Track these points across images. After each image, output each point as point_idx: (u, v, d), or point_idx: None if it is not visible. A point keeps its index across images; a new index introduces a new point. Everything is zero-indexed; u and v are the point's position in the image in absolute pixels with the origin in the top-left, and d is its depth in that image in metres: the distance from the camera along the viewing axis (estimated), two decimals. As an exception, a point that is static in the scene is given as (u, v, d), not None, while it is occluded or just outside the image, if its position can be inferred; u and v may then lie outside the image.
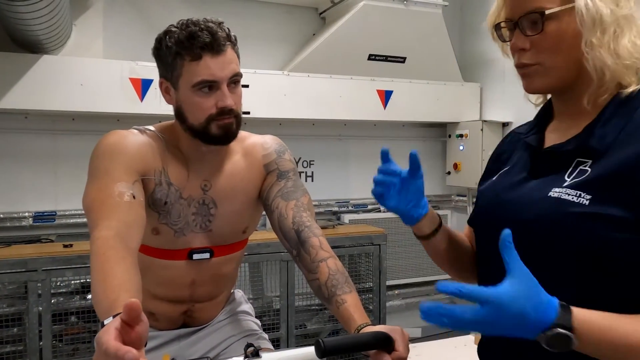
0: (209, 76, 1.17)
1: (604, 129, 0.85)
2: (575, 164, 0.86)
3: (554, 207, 0.84)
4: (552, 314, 0.71)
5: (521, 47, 0.89)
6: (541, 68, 0.89)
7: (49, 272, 2.59)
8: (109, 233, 1.01)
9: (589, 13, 0.82)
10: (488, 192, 1.02)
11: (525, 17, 0.87)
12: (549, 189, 0.86)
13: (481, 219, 1.03)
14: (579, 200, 0.81)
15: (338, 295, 1.13)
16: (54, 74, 2.81)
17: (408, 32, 3.47)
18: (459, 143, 3.81)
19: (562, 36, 0.85)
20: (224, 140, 1.25)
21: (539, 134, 0.97)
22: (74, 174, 3.08)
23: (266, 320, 3.05)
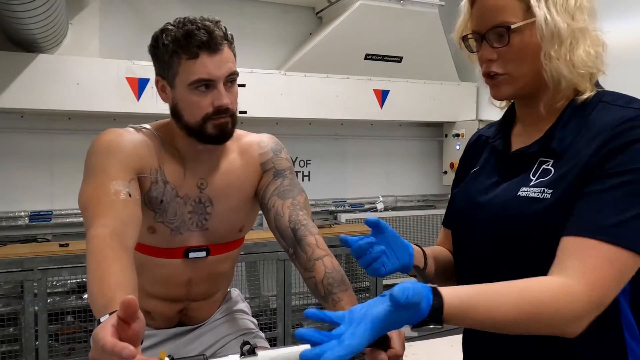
0: (205, 75, 1.17)
1: (562, 131, 0.92)
2: (539, 163, 0.94)
3: (524, 205, 0.91)
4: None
5: (489, 58, 0.95)
6: (509, 77, 0.95)
7: (45, 272, 2.58)
8: (105, 231, 1.01)
9: (547, 27, 0.89)
10: (462, 196, 1.08)
11: (492, 30, 0.93)
12: (518, 190, 0.93)
13: (458, 221, 1.09)
14: (543, 195, 0.89)
15: (334, 293, 1.13)
16: (50, 73, 2.81)
17: (404, 31, 3.48)
18: (455, 142, 3.82)
19: (525, 48, 0.92)
20: (220, 140, 1.25)
21: (504, 138, 1.04)
22: (70, 174, 3.07)
23: (263, 320, 3.05)
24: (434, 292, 0.77)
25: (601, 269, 0.80)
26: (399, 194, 4.01)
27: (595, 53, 0.92)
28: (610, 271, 0.80)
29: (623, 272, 0.82)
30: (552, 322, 0.80)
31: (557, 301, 0.79)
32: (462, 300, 0.78)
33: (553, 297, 0.79)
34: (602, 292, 0.80)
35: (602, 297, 0.80)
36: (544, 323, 0.80)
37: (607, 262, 0.80)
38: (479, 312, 0.78)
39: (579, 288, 0.79)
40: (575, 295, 0.79)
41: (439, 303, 0.76)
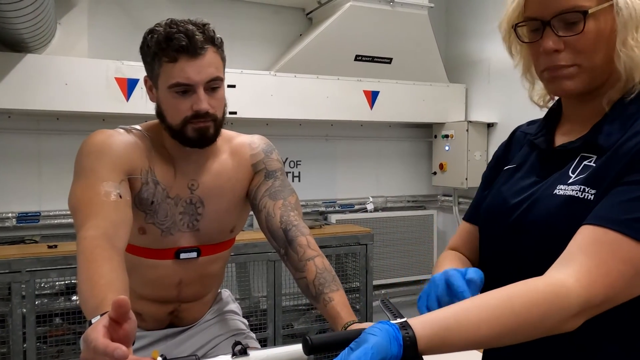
0: (183, 79, 1.17)
1: (611, 126, 0.83)
2: (579, 159, 0.85)
3: (560, 205, 0.82)
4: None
5: (555, 49, 0.84)
6: (578, 70, 0.84)
7: (33, 273, 2.56)
8: (96, 233, 1.01)
9: (627, 11, 0.80)
10: (496, 196, 0.99)
11: (560, 16, 0.82)
12: (555, 187, 0.85)
13: (489, 223, 1.00)
14: (584, 195, 0.80)
15: (325, 293, 1.14)
16: (38, 73, 2.78)
17: (394, 33, 3.50)
18: (444, 143, 3.84)
19: (600, 35, 0.82)
20: (200, 144, 1.24)
21: (547, 136, 0.95)
22: (59, 175, 3.05)
23: (253, 321, 3.05)
24: (404, 328, 0.70)
25: (610, 264, 0.73)
26: (388, 195, 4.03)
27: None
28: (621, 267, 0.73)
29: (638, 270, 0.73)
30: (541, 328, 0.74)
31: (544, 306, 0.72)
32: (434, 330, 0.71)
33: (539, 302, 0.72)
34: (605, 289, 0.73)
35: (605, 294, 0.73)
36: (533, 330, 0.74)
37: (620, 257, 0.73)
38: (460, 335, 0.71)
39: (575, 288, 0.73)
40: (566, 296, 0.72)
41: (411, 340, 0.69)
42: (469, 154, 3.63)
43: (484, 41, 3.71)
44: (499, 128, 3.62)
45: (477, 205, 1.08)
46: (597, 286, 0.73)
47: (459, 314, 0.73)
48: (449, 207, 4.03)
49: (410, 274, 3.94)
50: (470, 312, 0.73)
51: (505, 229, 0.92)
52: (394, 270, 3.89)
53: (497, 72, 3.61)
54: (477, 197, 1.10)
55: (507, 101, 3.51)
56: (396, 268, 3.89)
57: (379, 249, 3.69)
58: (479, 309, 0.73)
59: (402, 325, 0.71)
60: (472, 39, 3.84)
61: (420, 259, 3.96)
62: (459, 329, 0.71)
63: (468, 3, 3.89)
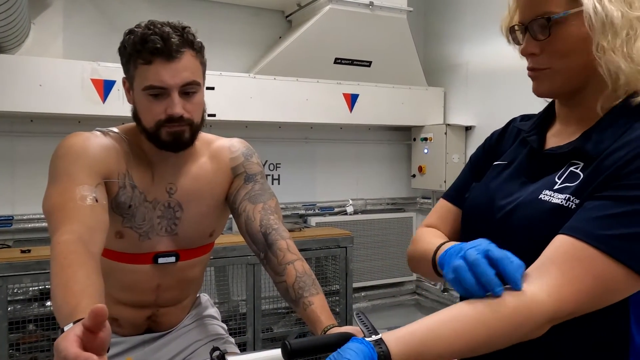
0: (157, 82, 1.15)
1: (601, 134, 0.83)
2: (567, 165, 0.85)
3: (544, 212, 0.82)
4: None
5: (531, 52, 0.88)
6: (550, 72, 0.87)
7: (5, 279, 2.49)
8: (71, 237, 0.99)
9: (597, 17, 0.80)
10: (482, 190, 0.99)
11: (534, 21, 0.86)
12: (540, 192, 0.85)
13: (472, 218, 1.00)
14: (568, 204, 0.80)
15: (305, 297, 1.13)
16: (11, 73, 2.72)
17: (373, 36, 3.51)
18: (423, 146, 3.87)
19: (570, 40, 0.83)
20: (174, 147, 1.23)
21: (539, 135, 0.95)
22: (32, 178, 2.99)
23: (232, 325, 3.02)
24: (379, 345, 0.70)
25: (583, 280, 0.74)
26: (368, 197, 4.04)
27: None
28: (592, 283, 0.74)
29: (610, 288, 0.75)
30: (512, 339, 0.75)
31: (516, 319, 0.73)
32: (409, 345, 0.71)
33: (511, 316, 0.73)
34: (574, 305, 0.74)
35: (573, 308, 0.75)
36: (504, 341, 0.75)
37: (593, 274, 0.73)
38: (436, 350, 0.72)
39: (545, 302, 0.74)
40: (537, 310, 0.73)
41: (385, 357, 0.70)
42: (448, 157, 3.67)
43: (462, 45, 3.75)
44: (477, 131, 3.67)
45: (461, 189, 1.07)
46: (567, 301, 0.74)
47: (434, 329, 0.74)
48: (428, 210, 4.06)
49: (390, 276, 3.96)
50: (445, 325, 0.74)
51: (489, 228, 0.92)
52: (374, 273, 3.90)
53: (475, 75, 3.66)
54: (461, 179, 1.09)
55: (484, 104, 3.56)
56: (376, 270, 3.91)
57: (358, 252, 3.70)
58: (453, 322, 0.74)
59: (376, 342, 0.71)
60: (451, 43, 3.88)
61: (400, 261, 3.98)
62: (434, 344, 0.72)
63: (446, 7, 3.94)
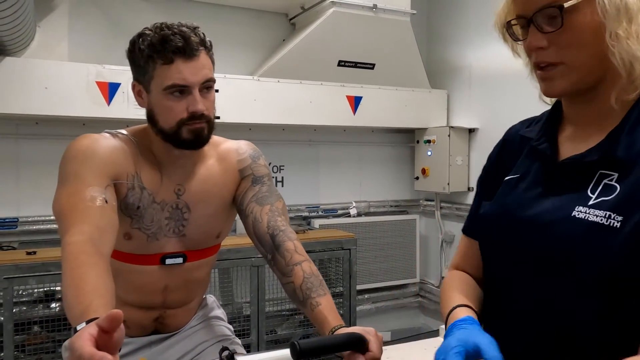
0: (180, 80, 1.17)
1: (630, 135, 0.76)
2: (599, 176, 0.77)
3: (580, 229, 0.75)
4: None
5: (538, 46, 0.80)
6: (565, 68, 0.79)
7: (11, 281, 2.51)
8: (81, 238, 1.00)
9: (612, 2, 0.74)
10: (498, 207, 0.91)
11: (541, 12, 0.78)
12: (572, 208, 0.77)
13: (494, 239, 0.92)
14: (609, 222, 0.73)
15: (313, 298, 1.14)
16: (16, 76, 2.73)
17: (377, 39, 3.52)
18: (426, 149, 3.88)
19: (583, 30, 0.76)
20: (195, 145, 1.25)
21: (551, 142, 0.87)
22: (38, 180, 3.00)
23: (236, 327, 3.02)
24: None
25: None
26: (371, 200, 4.05)
27: None
28: None
29: None
30: None
31: None
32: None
33: None
34: None
35: None
36: None
37: None
38: None
39: None
40: None
41: None
42: (451, 159, 3.67)
43: (465, 47, 3.76)
44: (480, 133, 3.67)
45: (474, 218, 1.01)
46: None
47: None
48: (431, 212, 4.06)
49: (393, 279, 3.96)
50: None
51: (514, 246, 0.85)
52: (377, 275, 3.91)
53: (479, 78, 3.67)
54: (474, 208, 1.03)
55: (488, 107, 3.57)
56: (379, 273, 3.91)
57: (362, 254, 3.71)
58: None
59: None
60: (454, 46, 3.89)
61: (403, 264, 3.99)
62: None
63: (450, 10, 3.95)
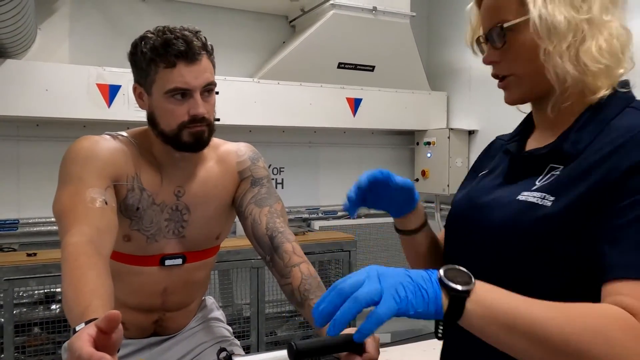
0: (182, 84, 1.18)
1: (578, 134, 0.84)
2: (549, 169, 0.86)
3: (519, 210, 0.83)
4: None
5: (491, 60, 0.91)
6: (515, 79, 0.90)
7: (11, 282, 2.51)
8: (81, 239, 1.00)
9: (543, 23, 0.82)
10: (463, 196, 1.02)
11: (492, 30, 0.88)
12: (519, 193, 0.86)
13: (453, 221, 1.02)
14: (542, 202, 0.81)
15: (311, 299, 1.14)
16: (17, 78, 2.74)
17: (377, 41, 3.53)
18: (426, 150, 3.88)
19: (524, 47, 0.86)
20: (195, 148, 1.26)
21: (520, 142, 0.98)
22: (38, 182, 3.01)
23: (236, 328, 3.03)
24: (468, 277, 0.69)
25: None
26: (371, 201, 4.05)
27: (609, 47, 0.82)
28: None
29: None
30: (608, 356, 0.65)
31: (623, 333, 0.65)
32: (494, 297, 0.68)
33: (619, 327, 0.66)
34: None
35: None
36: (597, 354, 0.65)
37: None
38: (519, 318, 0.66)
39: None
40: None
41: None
42: (451, 161, 3.68)
43: (465, 49, 3.71)
44: (480, 135, 3.68)
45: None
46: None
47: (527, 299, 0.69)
48: (431, 214, 4.06)
49: (393, 280, 3.96)
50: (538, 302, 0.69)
51: (468, 229, 0.94)
52: (377, 277, 3.90)
53: (478, 80, 3.67)
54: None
55: (487, 109, 3.57)
56: (379, 274, 3.90)
57: (361, 256, 3.71)
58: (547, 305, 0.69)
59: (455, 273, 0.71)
60: (454, 48, 3.90)
61: (403, 266, 3.96)
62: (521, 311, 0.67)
63: (450, 12, 3.96)
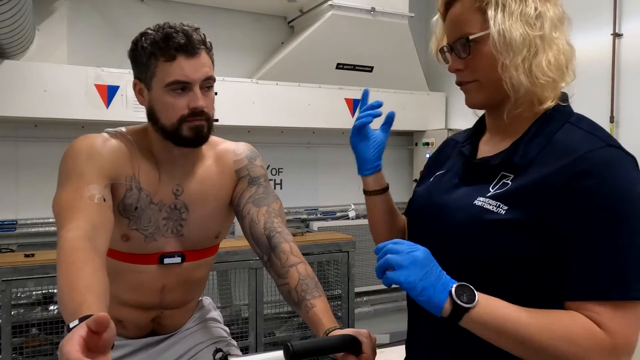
0: (182, 77, 1.19)
1: (526, 147, 0.93)
2: (500, 177, 0.94)
3: (475, 214, 0.92)
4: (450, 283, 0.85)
5: (456, 68, 0.99)
6: (478, 84, 0.97)
7: (9, 283, 2.51)
8: (77, 234, 1.00)
9: (500, 38, 0.90)
10: (423, 193, 1.11)
11: (457, 41, 0.97)
12: (475, 198, 0.94)
13: (414, 217, 1.12)
14: (497, 210, 0.90)
15: (307, 299, 1.14)
16: (16, 79, 2.75)
17: (375, 42, 3.54)
18: (425, 151, 3.88)
19: (486, 57, 0.93)
20: (195, 142, 1.25)
21: (472, 145, 1.06)
22: (36, 183, 3.01)
23: (235, 329, 3.03)
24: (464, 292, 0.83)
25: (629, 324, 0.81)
26: (370, 202, 4.05)
27: (556, 62, 0.91)
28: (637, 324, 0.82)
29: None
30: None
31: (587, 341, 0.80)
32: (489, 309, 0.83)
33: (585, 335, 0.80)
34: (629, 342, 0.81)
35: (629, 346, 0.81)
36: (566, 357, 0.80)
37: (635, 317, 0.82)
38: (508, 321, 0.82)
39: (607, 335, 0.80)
40: (601, 340, 0.80)
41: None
42: (449, 162, 3.68)
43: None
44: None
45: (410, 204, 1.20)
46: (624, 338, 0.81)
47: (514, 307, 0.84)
48: (430, 214, 4.06)
49: (391, 281, 3.95)
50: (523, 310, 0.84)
51: (428, 224, 1.03)
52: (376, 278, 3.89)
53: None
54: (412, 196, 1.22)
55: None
56: (378, 275, 3.90)
57: (360, 256, 3.70)
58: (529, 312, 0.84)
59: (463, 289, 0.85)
60: (452, 49, 3.89)
61: (402, 266, 3.97)
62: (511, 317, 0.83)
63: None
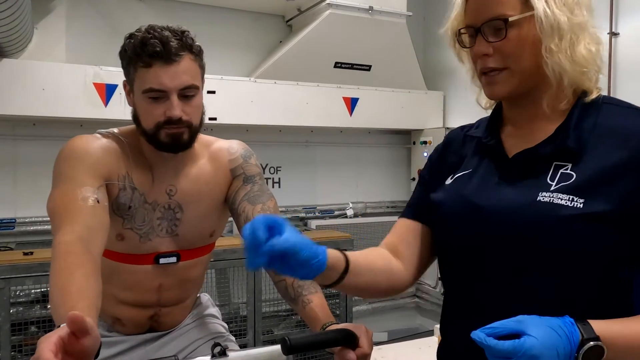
0: (157, 85, 1.18)
1: (577, 131, 0.88)
2: (554, 167, 0.88)
3: (546, 211, 0.84)
4: (575, 334, 0.75)
5: (484, 53, 0.92)
6: (508, 72, 0.91)
7: (7, 281, 2.51)
8: (71, 237, 1.01)
9: (547, 20, 0.86)
10: (452, 197, 0.99)
11: (488, 23, 0.89)
12: (536, 194, 0.86)
13: (452, 224, 0.98)
14: (573, 204, 0.83)
15: (304, 295, 1.15)
16: (14, 78, 2.75)
17: (373, 41, 3.54)
18: (423, 150, 3.89)
19: (523, 42, 0.88)
20: (173, 149, 1.25)
21: (497, 139, 0.98)
22: (35, 181, 3.02)
23: (233, 327, 3.03)
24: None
25: None
26: (368, 200, 4.06)
27: (595, 50, 0.89)
28: None
29: None
30: None
31: None
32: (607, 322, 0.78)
33: None
34: None
35: None
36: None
37: None
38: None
39: None
40: None
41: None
42: (447, 160, 3.69)
43: (460, 49, 3.77)
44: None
45: (419, 205, 1.09)
46: None
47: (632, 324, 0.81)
48: (428, 213, 4.07)
49: (389, 279, 3.97)
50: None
51: (477, 231, 0.92)
52: (374, 276, 3.91)
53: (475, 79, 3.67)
54: (416, 196, 1.12)
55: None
56: (376, 273, 3.91)
57: (358, 255, 3.71)
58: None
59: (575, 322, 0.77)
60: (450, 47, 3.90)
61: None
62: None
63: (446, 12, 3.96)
